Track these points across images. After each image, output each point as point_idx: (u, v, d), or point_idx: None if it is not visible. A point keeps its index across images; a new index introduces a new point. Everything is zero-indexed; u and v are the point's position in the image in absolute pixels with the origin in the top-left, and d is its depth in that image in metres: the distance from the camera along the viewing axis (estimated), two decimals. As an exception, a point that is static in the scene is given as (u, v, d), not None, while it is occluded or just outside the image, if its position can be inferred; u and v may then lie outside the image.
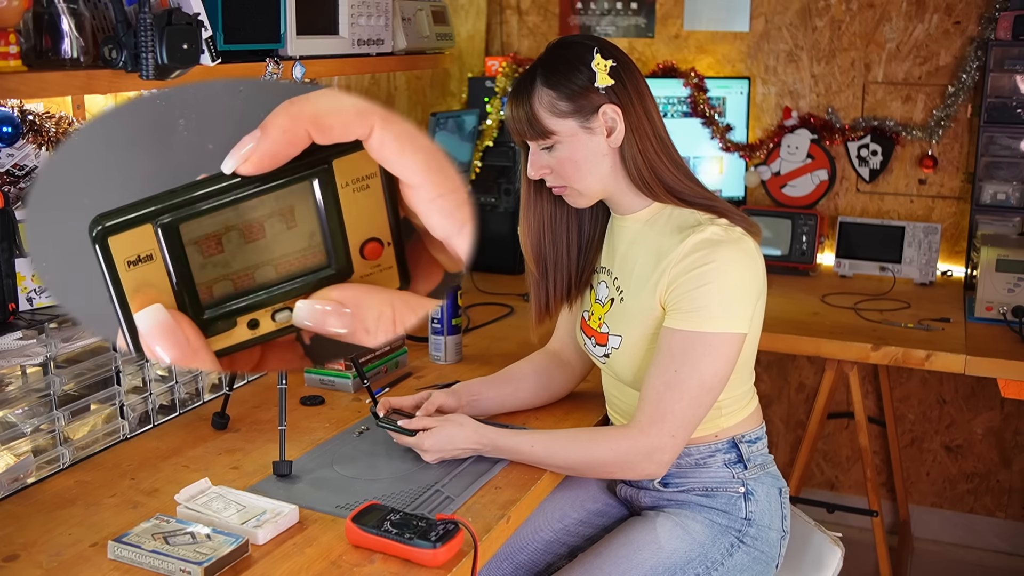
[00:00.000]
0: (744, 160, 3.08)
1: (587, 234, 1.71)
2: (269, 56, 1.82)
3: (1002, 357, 2.20)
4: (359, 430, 1.71)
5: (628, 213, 1.63)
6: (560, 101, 1.54)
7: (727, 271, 1.48)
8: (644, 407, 1.51)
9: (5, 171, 1.57)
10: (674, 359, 1.49)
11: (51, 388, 1.53)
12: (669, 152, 1.60)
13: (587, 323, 1.71)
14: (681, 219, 1.57)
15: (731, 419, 1.63)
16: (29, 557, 1.29)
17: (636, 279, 1.59)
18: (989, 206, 2.78)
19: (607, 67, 1.54)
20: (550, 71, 1.55)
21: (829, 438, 3.21)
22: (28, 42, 1.44)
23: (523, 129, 1.57)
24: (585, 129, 1.54)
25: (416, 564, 1.26)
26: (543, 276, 1.71)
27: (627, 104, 1.55)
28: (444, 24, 2.57)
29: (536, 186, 1.66)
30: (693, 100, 3.02)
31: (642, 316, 1.57)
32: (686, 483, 1.64)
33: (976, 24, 2.85)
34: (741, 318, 1.50)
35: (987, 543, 3.09)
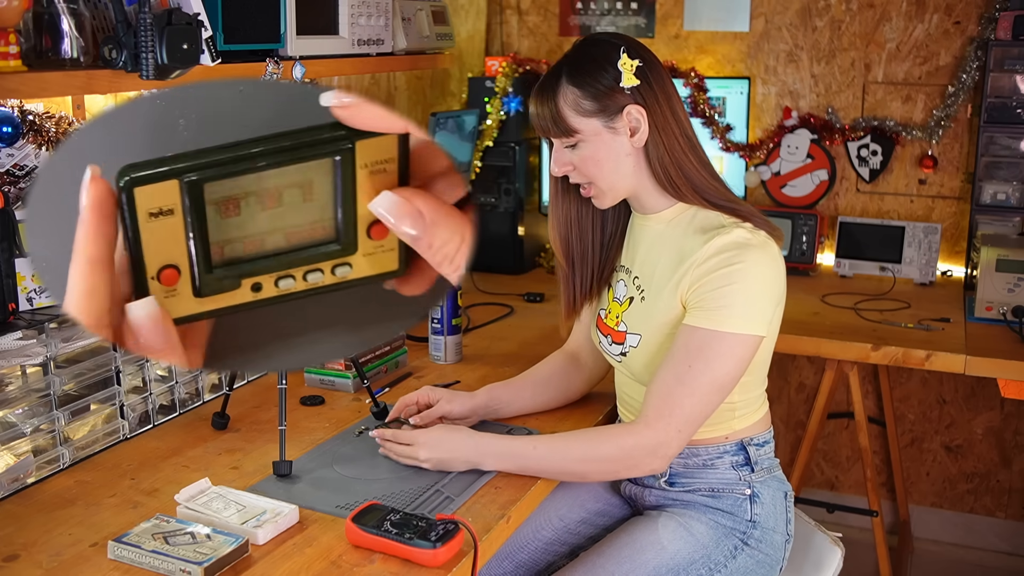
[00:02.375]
0: (744, 160, 3.07)
1: (609, 232, 1.71)
2: (269, 56, 1.82)
3: (1002, 357, 2.20)
4: (359, 430, 1.71)
5: (652, 212, 1.63)
6: (585, 100, 1.54)
7: (753, 273, 1.49)
8: (652, 401, 1.50)
9: (5, 171, 1.57)
10: (689, 355, 1.49)
11: (51, 388, 1.53)
12: (696, 152, 1.60)
13: (603, 321, 1.71)
14: (705, 221, 1.57)
15: (743, 421, 1.63)
16: (29, 557, 1.29)
17: (658, 279, 1.59)
18: (989, 206, 2.78)
19: (633, 67, 1.54)
20: (576, 69, 1.55)
21: (829, 438, 3.21)
22: (28, 42, 1.44)
23: (547, 126, 1.57)
24: (609, 129, 1.55)
25: (416, 564, 1.26)
26: (572, 271, 1.72)
27: (653, 104, 1.55)
28: (444, 24, 2.57)
29: (562, 183, 1.67)
30: (693, 100, 3.02)
31: (662, 316, 1.57)
32: (692, 483, 1.64)
33: (976, 24, 2.85)
34: (761, 321, 1.50)
35: (987, 543, 3.09)
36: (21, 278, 1.52)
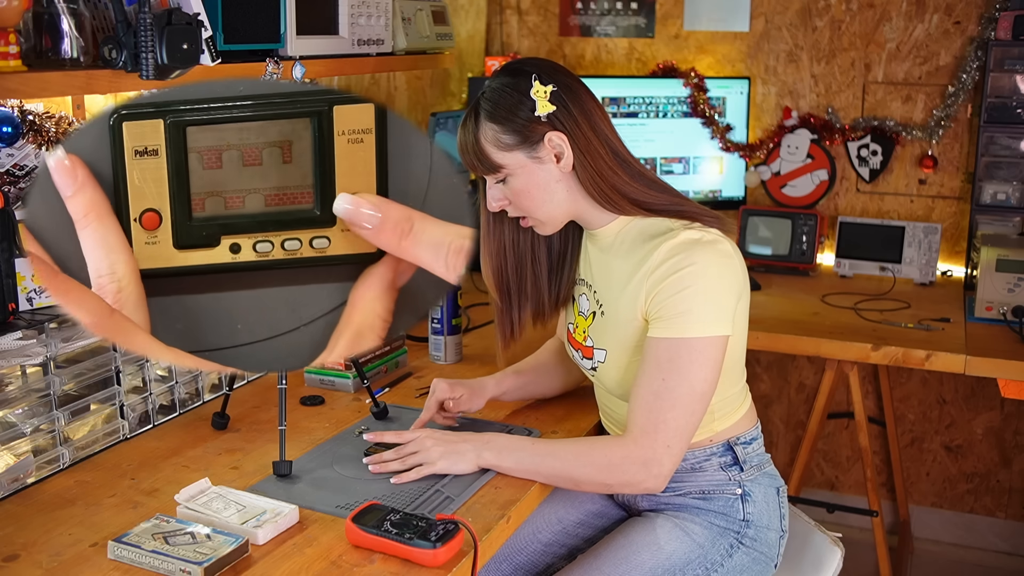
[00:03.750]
0: (744, 160, 3.08)
1: (557, 251, 1.69)
2: (269, 56, 1.82)
3: (1002, 357, 2.20)
4: (359, 430, 1.71)
5: (597, 228, 1.61)
6: (504, 135, 1.52)
7: (705, 273, 1.47)
8: (635, 419, 1.49)
9: (5, 171, 1.57)
10: (660, 368, 1.47)
11: (51, 388, 1.53)
12: (627, 165, 1.57)
13: (573, 336, 1.71)
14: (651, 228, 1.56)
15: (724, 422, 1.62)
16: (29, 557, 1.29)
17: (614, 292, 1.59)
18: (989, 206, 2.78)
19: (547, 93, 1.52)
20: (492, 105, 1.54)
21: (829, 438, 3.21)
22: (28, 42, 1.44)
23: (473, 164, 1.57)
24: (534, 159, 1.53)
25: (416, 564, 1.26)
26: (506, 303, 1.69)
27: (572, 127, 1.52)
28: (444, 24, 2.57)
29: (495, 214, 1.64)
30: (693, 100, 3.02)
31: (624, 329, 1.56)
32: (683, 487, 1.63)
33: (976, 24, 2.85)
34: (724, 320, 1.49)
35: (987, 543, 3.09)
36: (21, 278, 1.52)
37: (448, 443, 1.54)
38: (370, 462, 1.56)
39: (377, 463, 1.55)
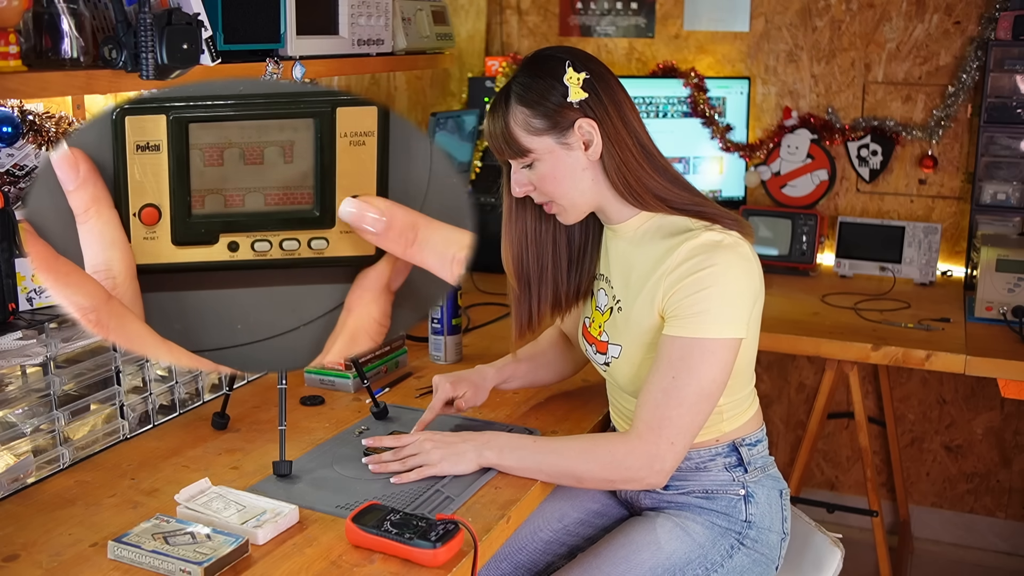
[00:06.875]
0: (744, 160, 3.08)
1: (578, 244, 1.69)
2: (269, 56, 1.82)
3: (1002, 357, 2.20)
4: (359, 430, 1.71)
5: (618, 223, 1.62)
6: (534, 119, 1.53)
7: (724, 275, 1.48)
8: (642, 414, 1.50)
9: (5, 171, 1.57)
10: (672, 366, 1.48)
11: (51, 388, 1.53)
12: (652, 159, 1.57)
13: (588, 330, 1.71)
14: (672, 227, 1.56)
15: (732, 423, 1.62)
16: (29, 557, 1.29)
17: (632, 289, 1.59)
18: (989, 206, 2.78)
19: (580, 80, 1.52)
20: (523, 89, 1.54)
21: (829, 438, 3.21)
22: (28, 42, 1.44)
23: (501, 148, 1.57)
24: (562, 145, 1.53)
25: (416, 564, 1.26)
26: (525, 292, 1.69)
27: (603, 116, 1.53)
28: (444, 24, 2.57)
29: (519, 201, 1.64)
30: (693, 100, 3.02)
31: (640, 326, 1.57)
32: (686, 486, 1.64)
33: (976, 24, 2.85)
34: (739, 323, 1.49)
35: (987, 543, 3.09)
36: (21, 278, 1.52)
37: (448, 445, 1.54)
38: (370, 462, 1.56)
39: (377, 463, 1.55)
